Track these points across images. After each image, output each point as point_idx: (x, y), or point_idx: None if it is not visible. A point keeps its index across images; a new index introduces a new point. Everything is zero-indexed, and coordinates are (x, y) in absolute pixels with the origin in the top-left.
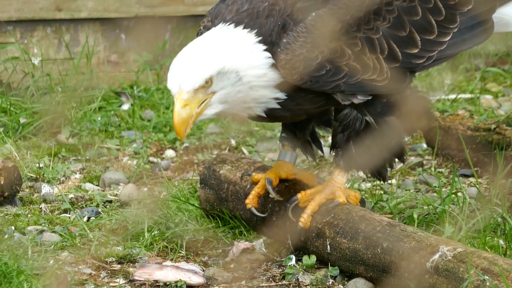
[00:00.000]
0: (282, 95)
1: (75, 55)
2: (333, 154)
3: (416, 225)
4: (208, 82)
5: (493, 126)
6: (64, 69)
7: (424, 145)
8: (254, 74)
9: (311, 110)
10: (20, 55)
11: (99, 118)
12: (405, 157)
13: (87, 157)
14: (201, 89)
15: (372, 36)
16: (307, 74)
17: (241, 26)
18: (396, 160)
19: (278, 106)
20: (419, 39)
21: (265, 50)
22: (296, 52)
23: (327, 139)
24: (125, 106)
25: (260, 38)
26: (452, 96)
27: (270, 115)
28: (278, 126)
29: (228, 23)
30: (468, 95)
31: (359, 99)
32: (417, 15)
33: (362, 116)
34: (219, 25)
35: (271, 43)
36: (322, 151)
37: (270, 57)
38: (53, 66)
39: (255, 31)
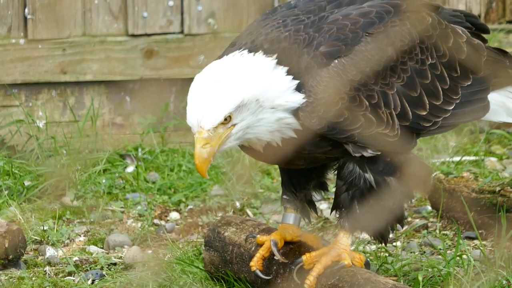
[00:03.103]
0: (296, 124)
1: (80, 117)
2: (337, 215)
3: (421, 287)
4: (227, 119)
5: (497, 189)
6: (69, 131)
7: (429, 207)
8: (275, 94)
9: (320, 157)
10: (24, 118)
11: (104, 181)
12: (404, 222)
13: (92, 220)
14: (221, 124)
15: (387, 91)
16: (325, 120)
17: (260, 52)
18: (396, 224)
19: (295, 135)
20: (427, 102)
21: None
22: (318, 95)
23: (331, 201)
24: (130, 169)
25: (279, 62)
26: (457, 158)
27: (287, 161)
28: None
29: (244, 48)
30: (472, 157)
31: (369, 152)
32: (427, 78)
33: (363, 173)
34: (236, 51)
35: (296, 74)
36: (317, 213)
37: (293, 79)
38: (57, 129)
39: (275, 55)
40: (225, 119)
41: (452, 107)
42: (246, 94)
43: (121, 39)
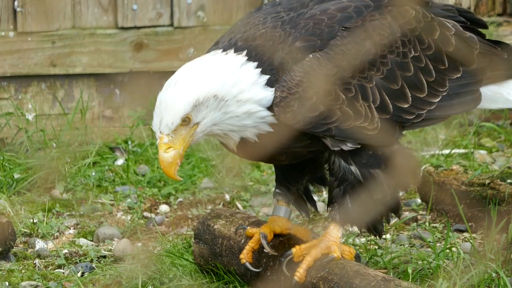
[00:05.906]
0: (271, 118)
1: (69, 110)
2: (329, 208)
3: (410, 280)
4: (186, 120)
5: (487, 181)
6: (58, 124)
7: (419, 200)
8: (241, 88)
9: (301, 152)
10: (14, 110)
11: (93, 173)
12: (400, 212)
13: (81, 212)
14: (182, 126)
15: (366, 85)
16: (300, 114)
17: (232, 50)
18: (392, 215)
19: (271, 129)
20: (410, 95)
21: (261, 72)
22: (292, 90)
23: (321, 194)
24: (120, 161)
25: (249, 59)
26: (446, 151)
27: (269, 157)
28: (272, 181)
29: (220, 47)
30: (462, 150)
31: (348, 146)
32: (409, 71)
33: (348, 166)
34: (211, 52)
35: (269, 73)
36: (317, 210)
37: (263, 74)
38: (47, 122)
39: (245, 52)
40: (184, 121)
41: (438, 99)
42: (200, 93)
43: (111, 31)
